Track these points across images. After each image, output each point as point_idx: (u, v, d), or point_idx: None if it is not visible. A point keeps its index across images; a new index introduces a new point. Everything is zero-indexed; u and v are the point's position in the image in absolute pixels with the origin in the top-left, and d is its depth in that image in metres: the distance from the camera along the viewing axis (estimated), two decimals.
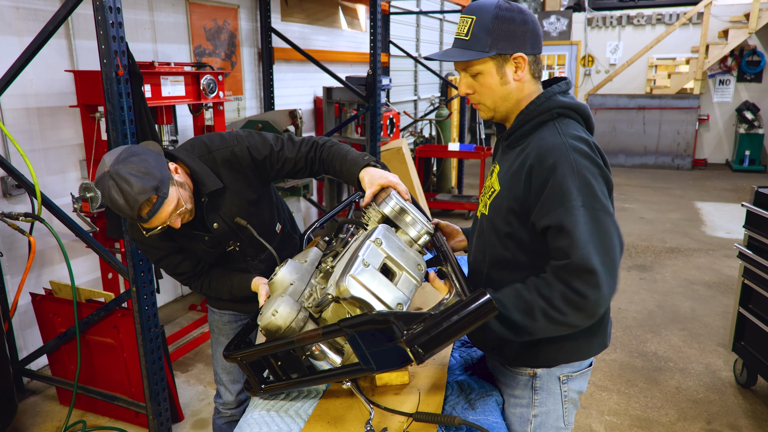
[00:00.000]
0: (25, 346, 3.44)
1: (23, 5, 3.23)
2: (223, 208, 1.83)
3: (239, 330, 1.89)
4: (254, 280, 1.88)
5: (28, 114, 3.33)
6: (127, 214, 1.56)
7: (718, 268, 5.41)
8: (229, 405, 2.24)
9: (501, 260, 1.50)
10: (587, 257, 1.26)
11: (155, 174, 1.57)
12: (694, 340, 4.00)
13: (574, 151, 1.34)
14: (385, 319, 1.23)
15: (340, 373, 1.48)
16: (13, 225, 2.90)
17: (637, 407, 3.21)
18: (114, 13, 2.18)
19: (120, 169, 1.53)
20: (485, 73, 1.45)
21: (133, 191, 1.53)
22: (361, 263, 1.31)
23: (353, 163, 1.75)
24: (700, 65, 10.04)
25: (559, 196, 1.30)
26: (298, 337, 1.43)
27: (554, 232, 1.32)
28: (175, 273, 1.97)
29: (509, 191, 1.43)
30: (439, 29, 10.25)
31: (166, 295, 4.66)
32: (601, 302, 1.29)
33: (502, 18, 1.40)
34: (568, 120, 1.43)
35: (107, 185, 1.54)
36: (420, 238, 1.55)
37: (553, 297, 1.31)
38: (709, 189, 8.93)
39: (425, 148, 7.29)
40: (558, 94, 1.45)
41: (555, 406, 1.59)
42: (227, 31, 4.90)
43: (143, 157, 1.58)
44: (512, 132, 1.48)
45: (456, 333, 1.21)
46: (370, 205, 1.64)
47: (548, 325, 1.34)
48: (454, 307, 1.22)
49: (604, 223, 1.30)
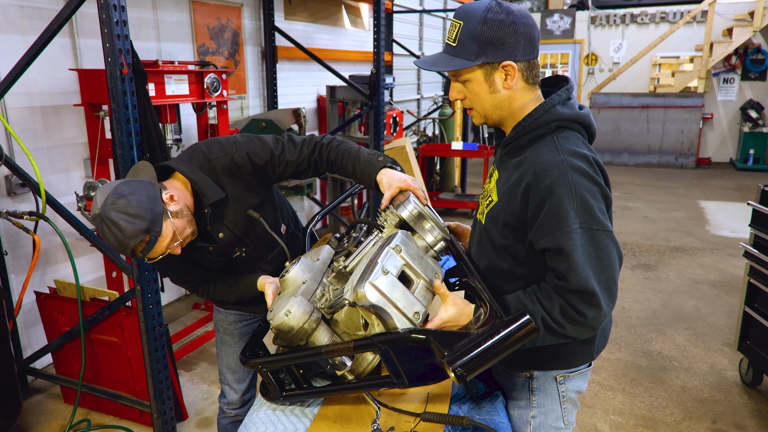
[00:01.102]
0: (29, 345, 3.44)
1: (27, 4, 3.23)
2: (228, 217, 1.80)
3: (252, 333, 1.88)
4: (260, 279, 1.87)
5: (32, 113, 3.33)
6: (122, 251, 1.57)
7: (723, 267, 5.39)
8: (234, 405, 2.24)
9: (497, 269, 1.50)
10: (585, 280, 1.27)
11: (145, 215, 1.54)
12: (699, 339, 3.98)
13: (572, 169, 1.30)
14: (425, 339, 1.22)
15: (368, 385, 1.47)
16: (17, 224, 2.90)
17: (642, 407, 3.20)
18: (119, 11, 2.18)
19: (109, 213, 1.52)
20: (473, 81, 1.40)
21: (124, 236, 1.53)
22: (381, 270, 1.30)
23: (368, 165, 1.72)
24: (704, 64, 10.00)
25: (557, 219, 1.29)
26: (326, 349, 1.41)
27: (553, 254, 1.32)
28: (182, 282, 1.97)
29: (505, 206, 1.41)
30: (442, 28, 10.23)
31: (170, 293, 4.66)
32: (600, 319, 1.32)
33: (490, 24, 1.32)
34: (567, 132, 1.39)
35: (100, 226, 1.55)
36: (436, 245, 1.54)
37: (553, 310, 1.32)
38: (713, 188, 8.89)
39: (428, 146, 7.28)
40: (558, 104, 1.39)
41: (553, 407, 1.58)
42: (231, 30, 4.90)
43: (133, 196, 1.55)
44: (509, 142, 1.45)
45: (498, 354, 1.20)
46: (387, 207, 1.63)
47: (547, 335, 1.35)
48: (495, 327, 1.21)
49: (603, 242, 1.30)
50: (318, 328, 1.48)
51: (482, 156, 6.80)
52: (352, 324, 1.47)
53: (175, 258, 1.84)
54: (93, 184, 3.12)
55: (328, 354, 1.41)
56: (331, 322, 1.53)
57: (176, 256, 1.81)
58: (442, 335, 1.22)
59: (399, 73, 8.31)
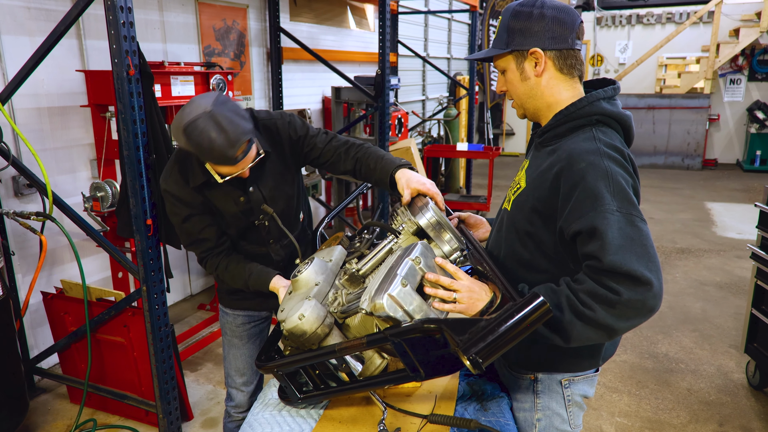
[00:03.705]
0: (36, 345, 3.46)
1: (35, 5, 3.25)
2: (262, 177, 1.91)
3: (260, 334, 1.88)
4: (273, 281, 1.87)
5: (39, 114, 3.35)
6: (220, 152, 1.62)
7: (730, 269, 5.36)
8: (242, 408, 2.22)
9: (517, 257, 1.47)
10: (620, 263, 1.17)
11: (249, 120, 1.71)
12: (705, 341, 3.96)
13: (608, 158, 1.28)
14: (436, 327, 1.21)
15: (385, 381, 1.47)
16: (24, 224, 2.91)
17: (648, 409, 3.18)
18: (125, 12, 2.19)
19: (222, 109, 1.62)
20: (508, 69, 1.45)
21: (236, 131, 1.63)
22: (400, 283, 1.29)
23: (389, 162, 1.83)
24: (711, 64, 9.96)
25: (592, 200, 1.23)
26: (340, 347, 1.41)
27: (584, 237, 1.24)
28: (198, 239, 1.91)
29: (534, 190, 1.39)
30: (448, 29, 10.23)
31: (176, 294, 4.67)
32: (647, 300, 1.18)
33: (519, 14, 1.39)
34: (606, 128, 1.37)
35: (205, 125, 1.60)
36: (452, 254, 1.53)
37: (580, 289, 1.24)
38: (720, 189, 8.85)
39: (433, 147, 7.28)
40: (602, 99, 1.38)
41: (559, 410, 1.56)
42: (236, 31, 4.91)
43: (235, 102, 1.70)
44: (547, 130, 1.43)
45: (513, 338, 1.16)
46: (400, 208, 1.63)
47: (575, 320, 1.23)
48: (508, 311, 1.17)
49: (644, 230, 1.22)
50: (330, 333, 1.48)
51: (487, 157, 6.79)
52: (365, 331, 1.47)
53: (201, 204, 1.86)
54: (99, 184, 3.13)
55: (342, 352, 1.40)
56: (343, 326, 1.53)
57: (203, 203, 1.86)
58: (455, 323, 1.19)
59: (404, 74, 8.31)
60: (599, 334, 1.24)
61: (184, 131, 1.62)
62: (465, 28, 11.03)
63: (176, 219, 1.89)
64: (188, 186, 1.83)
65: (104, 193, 3.12)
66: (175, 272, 4.50)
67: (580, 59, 1.43)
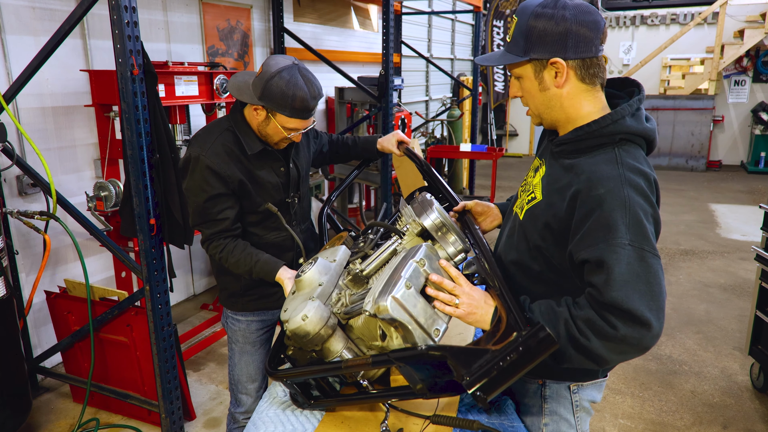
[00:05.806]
0: (39, 344, 3.46)
1: (39, 5, 3.25)
2: (298, 156, 2.08)
3: (274, 344, 1.88)
4: (280, 272, 1.86)
5: (43, 113, 3.35)
6: (302, 102, 1.77)
7: (734, 271, 5.34)
8: (252, 412, 2.21)
9: (525, 267, 1.44)
10: (622, 299, 1.15)
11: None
12: (709, 343, 3.95)
13: (630, 185, 1.22)
14: (441, 356, 1.21)
15: (391, 395, 1.49)
16: (28, 223, 2.92)
17: (651, 411, 3.17)
18: (129, 12, 2.19)
19: (302, 66, 1.81)
20: (525, 77, 1.36)
21: (318, 85, 1.83)
22: (404, 285, 1.29)
23: (376, 136, 2.26)
24: (715, 66, 9.92)
25: (605, 230, 1.19)
26: (345, 365, 1.41)
27: (592, 267, 1.22)
28: (214, 219, 1.89)
29: (549, 207, 1.33)
30: (451, 29, 10.22)
31: (179, 294, 4.68)
32: (644, 340, 1.17)
33: (540, 19, 1.27)
34: (630, 146, 1.30)
35: (292, 75, 1.75)
36: (456, 256, 1.53)
37: (578, 316, 1.22)
38: (724, 191, 8.82)
39: (437, 148, 7.27)
40: (628, 116, 1.29)
41: (566, 416, 1.55)
42: (240, 32, 4.92)
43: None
44: (565, 142, 1.35)
45: (516, 373, 1.17)
46: (404, 209, 1.64)
47: (569, 346, 1.23)
48: (513, 344, 1.17)
49: (653, 267, 1.18)
50: (334, 334, 1.48)
51: (491, 158, 6.78)
52: (369, 332, 1.46)
53: (238, 181, 1.89)
54: (103, 184, 3.14)
55: (347, 369, 1.41)
56: (346, 326, 1.52)
57: (239, 181, 1.90)
58: (460, 352, 1.19)
59: (407, 75, 8.31)
60: (590, 363, 1.24)
61: (270, 80, 1.74)
62: (468, 29, 11.03)
63: (201, 196, 1.86)
64: (231, 161, 1.87)
65: (108, 192, 3.13)
66: (178, 272, 4.51)
67: (603, 66, 1.34)
